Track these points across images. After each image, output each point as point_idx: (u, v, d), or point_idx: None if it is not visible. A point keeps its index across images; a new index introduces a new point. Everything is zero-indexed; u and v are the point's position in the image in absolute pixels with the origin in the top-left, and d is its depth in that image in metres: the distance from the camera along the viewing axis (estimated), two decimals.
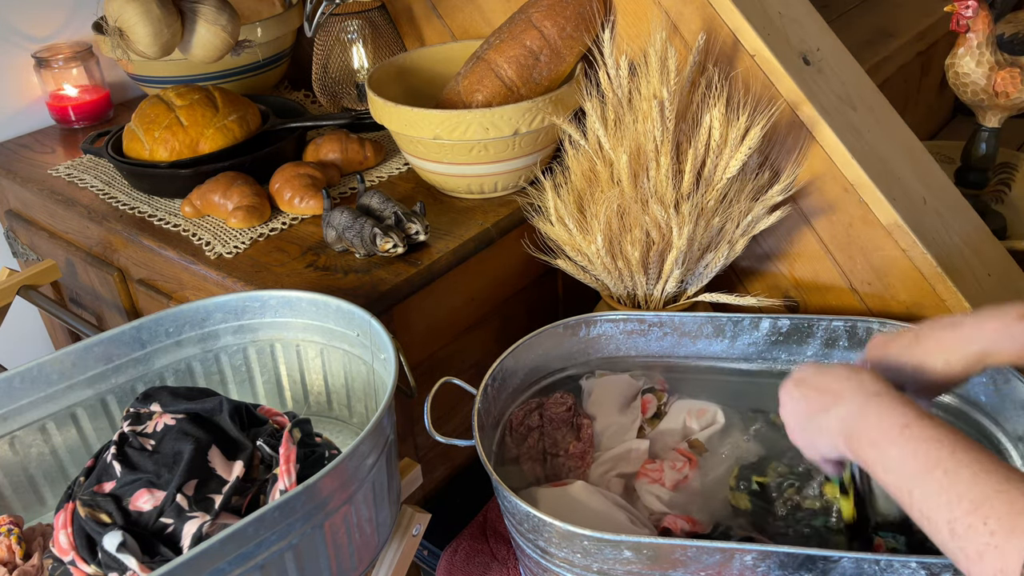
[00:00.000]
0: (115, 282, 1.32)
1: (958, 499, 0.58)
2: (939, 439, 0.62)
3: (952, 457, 0.60)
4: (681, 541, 0.80)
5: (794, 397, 0.77)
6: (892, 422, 0.66)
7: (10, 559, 0.83)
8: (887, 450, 0.65)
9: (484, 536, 1.14)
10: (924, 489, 0.61)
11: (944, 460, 0.60)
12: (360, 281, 1.08)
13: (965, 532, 0.57)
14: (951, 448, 0.61)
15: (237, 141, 1.28)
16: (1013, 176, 1.69)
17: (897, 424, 0.65)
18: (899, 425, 0.65)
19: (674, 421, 1.04)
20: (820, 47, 1.17)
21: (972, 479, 0.58)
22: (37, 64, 1.53)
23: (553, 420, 1.02)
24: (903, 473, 0.63)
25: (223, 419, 0.84)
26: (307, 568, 0.78)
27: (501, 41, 1.22)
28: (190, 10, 1.15)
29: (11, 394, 0.91)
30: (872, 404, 0.69)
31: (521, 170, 1.21)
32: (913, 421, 0.65)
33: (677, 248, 1.06)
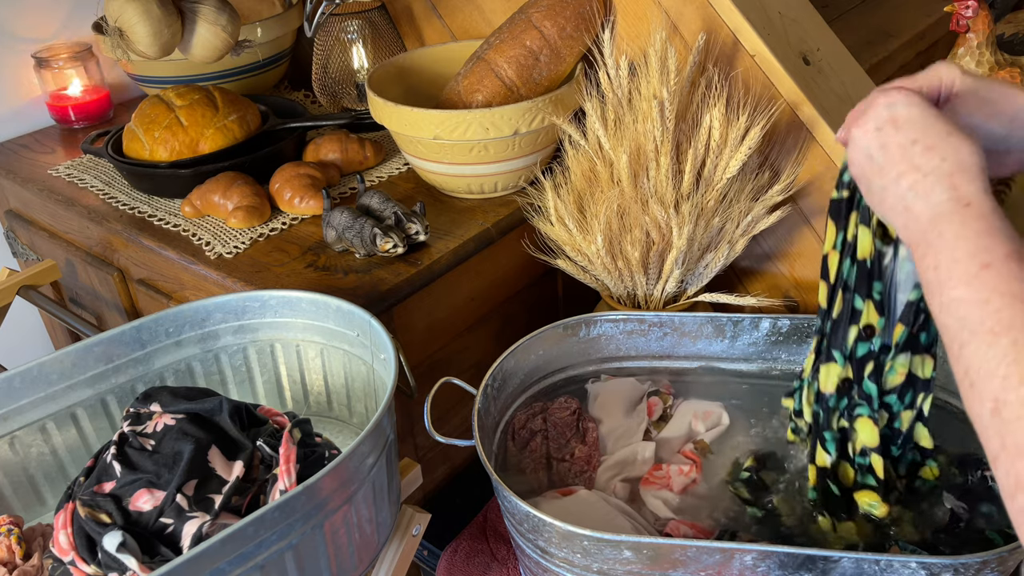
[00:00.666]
0: (115, 282, 1.32)
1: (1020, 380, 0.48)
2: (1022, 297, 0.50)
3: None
4: (681, 541, 0.80)
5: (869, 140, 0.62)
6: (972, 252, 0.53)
7: (10, 559, 0.83)
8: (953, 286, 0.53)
9: (484, 536, 1.14)
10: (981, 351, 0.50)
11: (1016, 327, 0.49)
12: (360, 281, 1.08)
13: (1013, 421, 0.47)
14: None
15: (237, 141, 1.28)
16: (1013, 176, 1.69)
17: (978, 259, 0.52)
18: (979, 262, 0.52)
19: (680, 423, 1.04)
20: (820, 47, 1.17)
21: None
22: (37, 64, 1.53)
23: (557, 424, 1.02)
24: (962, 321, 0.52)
25: (223, 419, 0.84)
26: (307, 568, 0.78)
27: (501, 41, 1.22)
28: (190, 10, 1.15)
29: (11, 394, 0.91)
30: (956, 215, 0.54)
31: (521, 170, 1.21)
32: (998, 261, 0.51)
33: (677, 248, 1.06)
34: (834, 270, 0.82)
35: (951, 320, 0.53)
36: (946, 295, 0.53)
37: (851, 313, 0.81)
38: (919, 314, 0.79)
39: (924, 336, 0.81)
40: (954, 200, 0.55)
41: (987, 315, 0.50)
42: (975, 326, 0.51)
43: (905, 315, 0.79)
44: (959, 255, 0.53)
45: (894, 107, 0.61)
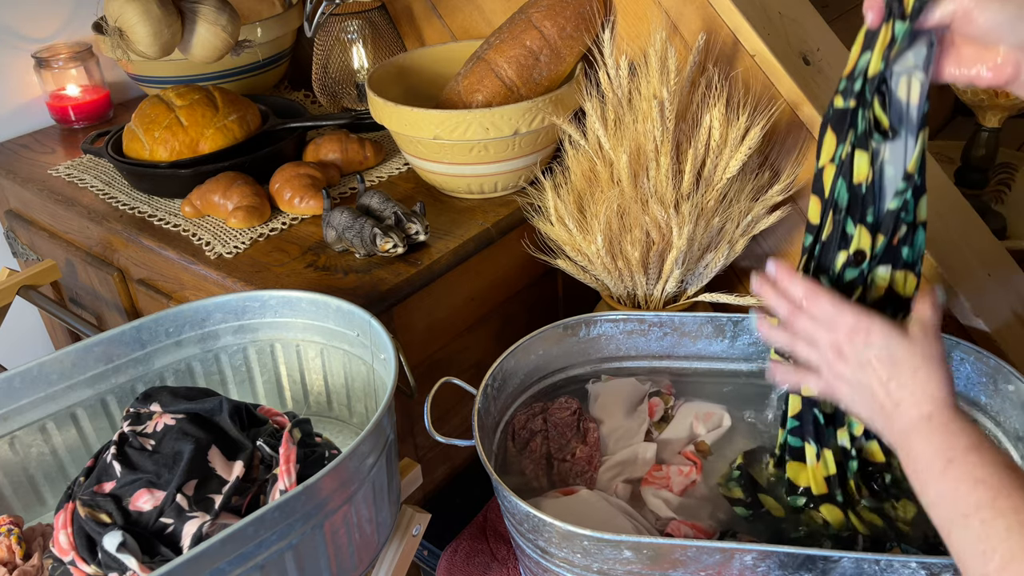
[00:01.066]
0: (115, 282, 1.32)
1: (992, 552, 0.56)
2: (983, 480, 0.59)
3: (993, 504, 0.58)
4: (681, 541, 0.80)
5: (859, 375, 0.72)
6: (937, 452, 0.63)
7: (10, 559, 0.83)
8: (930, 484, 0.63)
9: (484, 536, 1.14)
10: (961, 534, 0.59)
11: (984, 506, 0.58)
12: (360, 281, 1.08)
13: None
14: (993, 494, 0.58)
15: (237, 141, 1.28)
16: (1013, 176, 1.69)
17: (943, 458, 0.63)
18: (944, 459, 0.62)
19: (681, 425, 1.04)
20: (820, 47, 1.17)
21: (1007, 532, 0.56)
22: (37, 64, 1.53)
23: (558, 425, 1.02)
24: (944, 513, 0.61)
25: (223, 419, 0.84)
26: (307, 568, 0.78)
27: (501, 41, 1.22)
28: (190, 10, 1.15)
29: (11, 394, 0.91)
30: (922, 428, 0.66)
31: (521, 170, 1.21)
32: (959, 456, 0.62)
33: (677, 248, 1.06)
34: (828, 186, 0.79)
35: (937, 514, 0.62)
36: (930, 493, 0.63)
37: (841, 237, 0.78)
38: (899, 224, 0.76)
39: (907, 251, 0.78)
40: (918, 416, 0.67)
41: (958, 500, 0.60)
42: (952, 513, 0.60)
43: (885, 224, 0.76)
44: (929, 458, 0.64)
45: (871, 347, 0.71)
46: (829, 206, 0.79)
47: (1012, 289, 1.17)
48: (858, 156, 0.75)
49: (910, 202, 0.77)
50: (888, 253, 0.78)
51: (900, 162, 0.75)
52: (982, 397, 0.97)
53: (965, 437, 0.63)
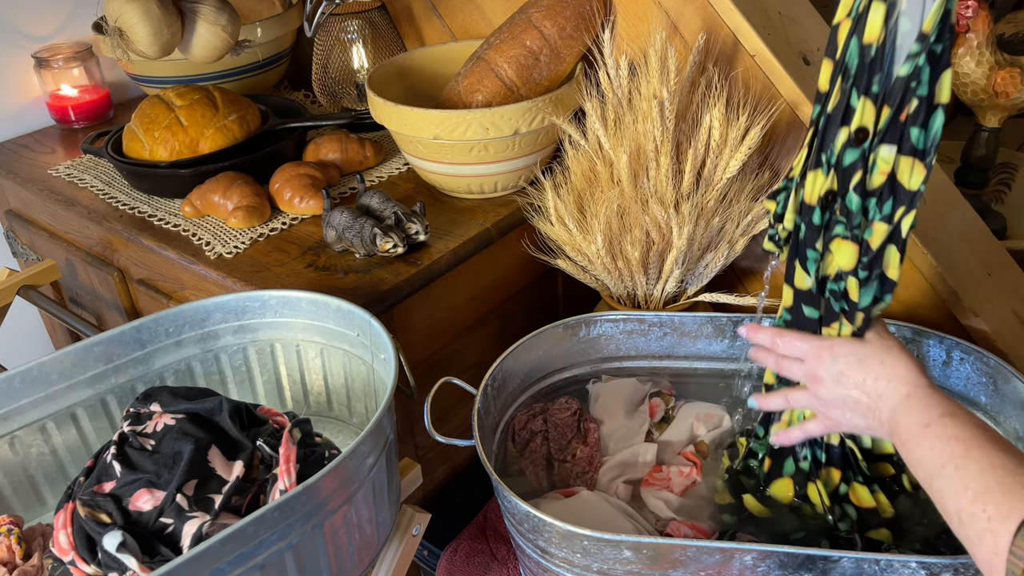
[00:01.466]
0: (115, 282, 1.32)
1: (964, 490, 0.63)
2: (957, 437, 0.67)
3: (965, 454, 0.65)
4: (681, 541, 0.80)
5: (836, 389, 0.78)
6: (916, 422, 0.70)
7: (10, 559, 0.83)
8: (913, 449, 0.70)
9: (484, 536, 1.14)
10: (940, 482, 0.66)
11: (957, 456, 0.65)
12: (360, 281, 1.08)
13: (969, 520, 0.62)
14: (966, 445, 0.66)
15: (237, 141, 1.28)
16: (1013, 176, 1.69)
17: (920, 423, 0.70)
18: (922, 424, 0.70)
19: (682, 426, 1.04)
20: (820, 47, 1.17)
21: (979, 473, 0.63)
22: (37, 64, 1.53)
23: (558, 425, 1.02)
24: (925, 468, 0.68)
25: (223, 419, 0.84)
26: (307, 568, 0.78)
27: (501, 41, 1.22)
28: (190, 10, 1.15)
29: (11, 394, 0.91)
30: (902, 407, 0.73)
31: (521, 170, 1.21)
32: (935, 420, 0.69)
33: (677, 248, 1.06)
34: (840, 46, 0.72)
35: (920, 471, 0.69)
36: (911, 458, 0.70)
37: (844, 110, 0.72)
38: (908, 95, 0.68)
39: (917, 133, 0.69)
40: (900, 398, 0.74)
41: (935, 455, 0.67)
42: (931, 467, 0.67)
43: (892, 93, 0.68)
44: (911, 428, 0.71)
45: (833, 363, 0.78)
46: (839, 70, 0.72)
47: (1012, 289, 1.17)
48: (874, 8, 0.68)
49: (924, 70, 0.67)
50: (893, 130, 0.69)
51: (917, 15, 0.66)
52: (982, 397, 0.97)
53: (940, 406, 0.71)
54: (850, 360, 0.78)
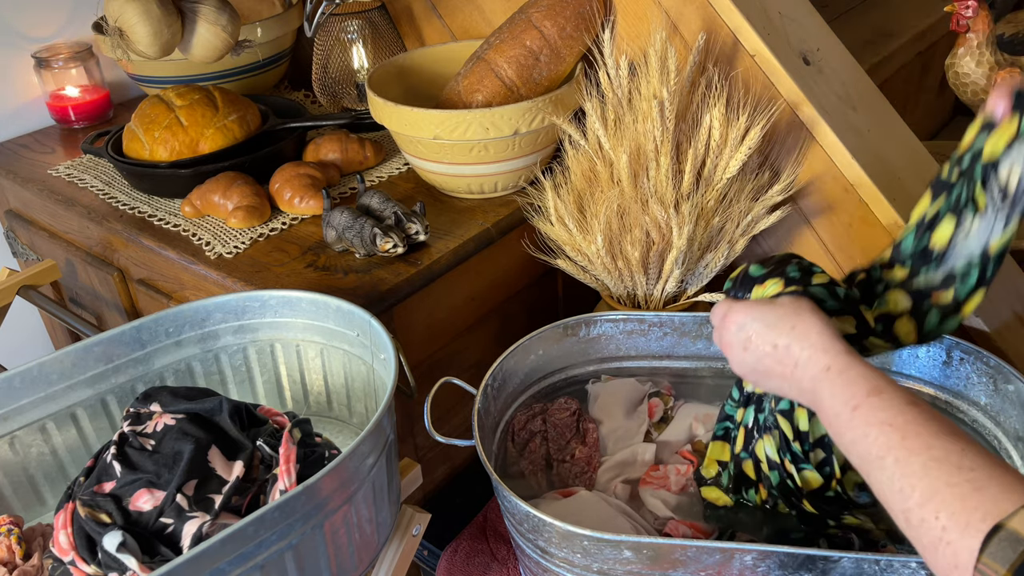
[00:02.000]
0: (115, 282, 1.32)
1: (910, 490, 0.57)
2: (890, 422, 0.61)
3: (902, 444, 0.59)
4: (681, 541, 0.80)
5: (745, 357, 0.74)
6: (843, 402, 0.64)
7: (10, 559, 0.83)
8: (843, 433, 0.64)
9: (484, 536, 1.14)
10: (878, 476, 0.60)
11: (894, 447, 0.59)
12: (360, 281, 1.08)
13: (919, 524, 0.56)
14: (901, 433, 0.60)
15: (237, 141, 1.28)
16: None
17: (848, 405, 0.64)
18: (850, 407, 0.64)
19: (681, 426, 1.04)
20: (820, 47, 1.17)
21: (923, 470, 0.57)
22: (37, 64, 1.53)
23: (557, 425, 1.02)
24: (859, 456, 0.63)
25: (223, 419, 0.84)
26: (307, 568, 0.78)
27: (501, 41, 1.22)
28: (190, 10, 1.15)
29: (11, 394, 0.91)
30: (824, 383, 0.67)
31: (521, 170, 1.21)
32: (863, 401, 0.63)
33: (677, 248, 1.06)
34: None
35: (855, 459, 0.63)
36: (843, 441, 0.65)
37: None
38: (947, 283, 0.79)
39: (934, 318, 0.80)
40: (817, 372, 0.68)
41: (870, 445, 0.61)
42: (867, 457, 0.62)
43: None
44: (836, 408, 0.65)
45: (742, 329, 0.73)
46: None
47: (1012, 289, 1.17)
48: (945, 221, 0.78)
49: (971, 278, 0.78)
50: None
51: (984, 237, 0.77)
52: (982, 397, 0.97)
53: (865, 382, 0.64)
54: (756, 326, 0.72)
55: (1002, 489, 0.54)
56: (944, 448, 0.58)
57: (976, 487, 0.55)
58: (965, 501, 0.54)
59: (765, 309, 0.73)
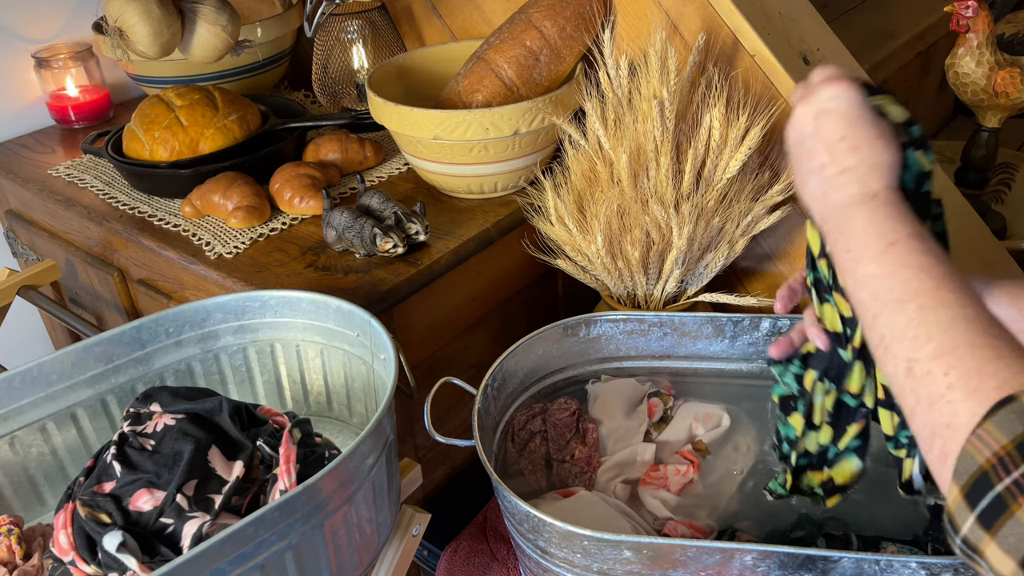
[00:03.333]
0: (115, 282, 1.32)
1: (927, 339, 0.52)
2: (927, 268, 0.55)
3: (935, 293, 0.54)
4: (681, 541, 0.80)
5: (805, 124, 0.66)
6: (879, 234, 0.59)
7: (10, 559, 0.83)
8: (864, 264, 0.59)
9: (484, 536, 1.14)
10: (893, 317, 0.55)
11: (924, 293, 0.54)
12: (360, 281, 1.08)
13: (923, 376, 0.52)
14: (936, 282, 0.54)
15: (237, 141, 1.28)
16: (1013, 176, 1.69)
17: (885, 239, 0.58)
18: (886, 241, 0.58)
19: (680, 426, 1.04)
20: (820, 47, 1.17)
21: (949, 323, 0.52)
22: (37, 64, 1.53)
23: (557, 425, 1.02)
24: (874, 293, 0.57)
25: (223, 419, 0.84)
26: (307, 568, 0.78)
27: (501, 41, 1.22)
28: (190, 10, 1.15)
29: (11, 394, 0.91)
30: (866, 206, 0.61)
31: (521, 170, 1.21)
32: (903, 239, 0.58)
33: (677, 248, 1.06)
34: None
35: (865, 294, 0.58)
36: (860, 272, 0.59)
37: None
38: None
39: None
40: (864, 193, 0.61)
41: (896, 285, 0.55)
42: (886, 296, 0.56)
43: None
44: (869, 237, 0.59)
45: (836, 99, 0.65)
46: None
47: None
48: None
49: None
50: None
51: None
52: None
53: (910, 225, 0.59)
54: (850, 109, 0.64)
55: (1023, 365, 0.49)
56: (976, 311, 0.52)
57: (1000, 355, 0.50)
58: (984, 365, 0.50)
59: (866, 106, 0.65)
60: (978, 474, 0.47)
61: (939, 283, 0.54)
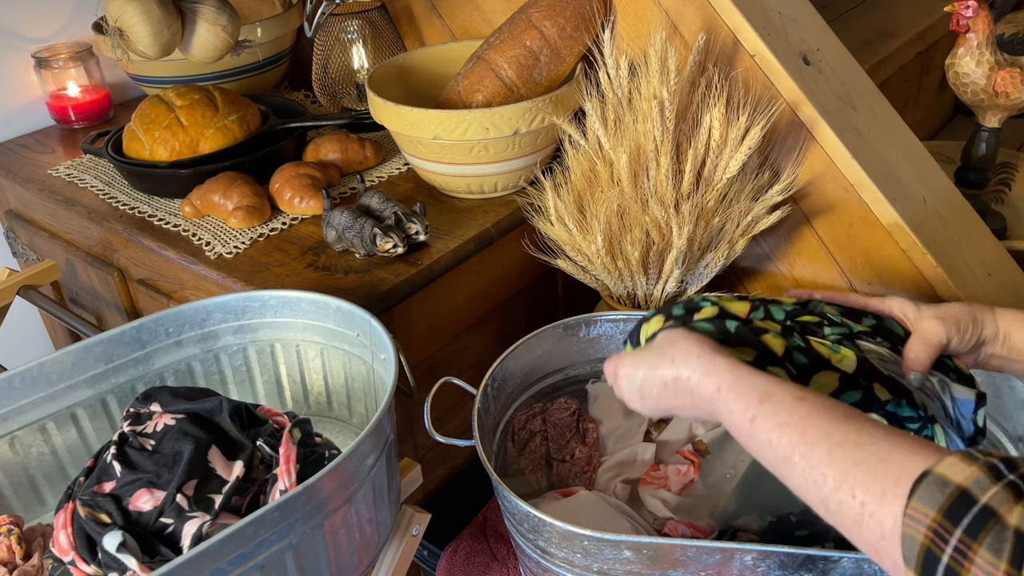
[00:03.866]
0: (115, 282, 1.32)
1: (822, 479, 0.58)
2: (787, 423, 0.62)
3: (803, 440, 0.60)
4: (681, 541, 0.80)
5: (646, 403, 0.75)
6: (741, 415, 0.65)
7: (10, 559, 0.83)
8: (749, 446, 0.66)
9: (484, 536, 1.14)
10: (791, 476, 0.61)
11: (797, 445, 0.60)
12: (360, 281, 1.08)
13: (838, 508, 0.57)
14: (800, 430, 0.61)
15: (237, 141, 1.28)
16: (1013, 176, 1.69)
17: (746, 418, 0.65)
18: (747, 419, 0.65)
19: (680, 426, 1.04)
20: (820, 47, 1.17)
21: (828, 457, 0.58)
22: (37, 64, 1.53)
23: (557, 425, 1.02)
24: (769, 463, 0.64)
25: (223, 419, 0.84)
26: (307, 568, 0.78)
27: (501, 41, 1.22)
28: (190, 10, 1.15)
29: (11, 394, 0.91)
30: (719, 403, 0.68)
31: (521, 170, 1.21)
32: (757, 410, 0.64)
33: (677, 248, 1.06)
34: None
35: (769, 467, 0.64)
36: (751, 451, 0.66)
37: None
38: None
39: None
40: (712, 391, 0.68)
41: (776, 450, 0.62)
42: (775, 462, 0.63)
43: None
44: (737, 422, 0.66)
45: (632, 378, 0.74)
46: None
47: (1012, 289, 1.17)
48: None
49: None
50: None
51: None
52: None
53: (754, 392, 0.65)
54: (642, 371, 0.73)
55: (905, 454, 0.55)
56: (842, 432, 0.59)
57: (881, 459, 0.56)
58: (875, 473, 0.55)
59: (644, 353, 0.74)
60: (922, 553, 0.51)
61: (801, 429, 0.61)
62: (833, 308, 0.83)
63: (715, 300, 0.80)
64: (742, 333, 0.77)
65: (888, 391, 0.77)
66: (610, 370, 0.77)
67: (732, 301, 0.80)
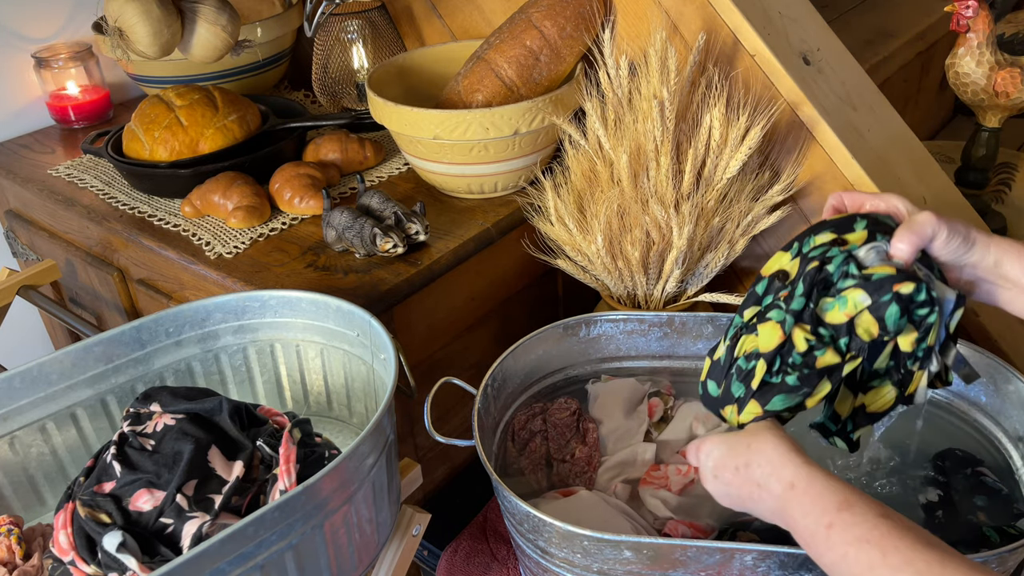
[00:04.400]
0: (115, 282, 1.32)
1: None
2: (868, 540, 0.61)
3: (883, 562, 0.60)
4: (681, 541, 0.80)
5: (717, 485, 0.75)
6: (816, 520, 0.65)
7: (10, 559, 0.83)
8: (821, 554, 0.65)
9: (484, 536, 1.14)
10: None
11: (877, 566, 0.60)
12: (360, 281, 1.08)
13: None
14: (881, 550, 0.60)
15: (237, 141, 1.28)
16: (1013, 176, 1.69)
17: (821, 524, 0.64)
18: (824, 525, 0.64)
19: (681, 426, 1.04)
20: (820, 47, 1.17)
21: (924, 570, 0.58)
22: (37, 64, 1.53)
23: (557, 425, 1.02)
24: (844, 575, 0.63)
25: (223, 419, 0.84)
26: (307, 568, 0.78)
27: (501, 41, 1.22)
28: (190, 10, 1.15)
29: (11, 394, 0.91)
30: (792, 501, 0.67)
31: (521, 170, 1.21)
32: (835, 518, 0.63)
33: (677, 248, 1.06)
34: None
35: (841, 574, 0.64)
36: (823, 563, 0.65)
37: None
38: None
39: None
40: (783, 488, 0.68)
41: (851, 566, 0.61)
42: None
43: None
44: (811, 526, 0.65)
45: (711, 455, 0.74)
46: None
47: None
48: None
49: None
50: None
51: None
52: (982, 397, 0.97)
53: (832, 495, 0.65)
54: (719, 451, 0.74)
55: None
56: (926, 560, 0.59)
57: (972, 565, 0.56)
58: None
59: (728, 435, 0.75)
60: None
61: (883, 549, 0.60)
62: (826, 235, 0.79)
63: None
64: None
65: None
66: (693, 447, 0.78)
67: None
